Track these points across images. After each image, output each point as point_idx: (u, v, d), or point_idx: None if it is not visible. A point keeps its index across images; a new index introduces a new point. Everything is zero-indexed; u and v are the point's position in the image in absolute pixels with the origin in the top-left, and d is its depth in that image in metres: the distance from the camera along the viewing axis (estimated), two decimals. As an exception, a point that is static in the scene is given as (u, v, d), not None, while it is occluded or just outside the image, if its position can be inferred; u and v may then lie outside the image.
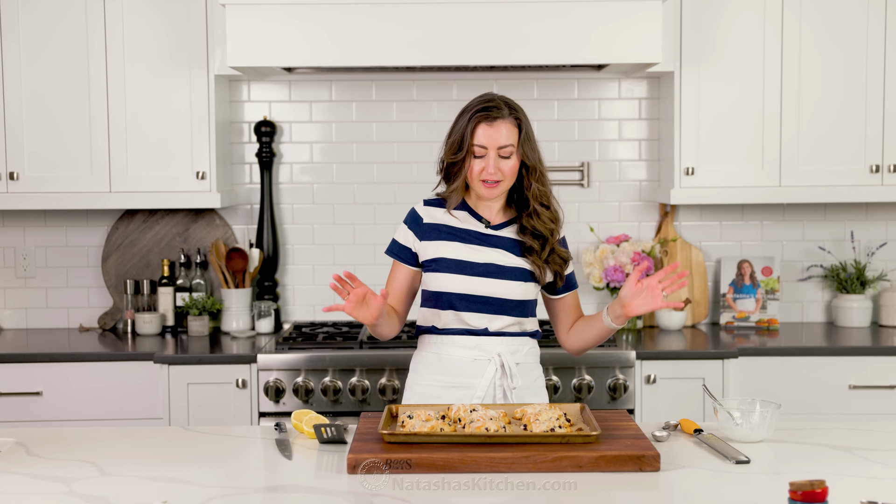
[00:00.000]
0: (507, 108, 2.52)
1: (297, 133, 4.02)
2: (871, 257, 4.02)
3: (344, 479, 2.06)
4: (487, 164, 2.49)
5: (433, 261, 2.57)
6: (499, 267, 2.55)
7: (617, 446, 2.14)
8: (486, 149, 2.49)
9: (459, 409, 2.29)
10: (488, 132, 2.49)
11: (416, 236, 2.61)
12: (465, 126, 2.51)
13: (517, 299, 2.56)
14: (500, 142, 2.49)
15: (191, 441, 2.40)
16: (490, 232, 2.59)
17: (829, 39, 3.66)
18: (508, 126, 2.50)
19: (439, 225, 2.59)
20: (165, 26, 3.65)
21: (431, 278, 2.58)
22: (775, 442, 2.32)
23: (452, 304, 2.55)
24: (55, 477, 2.10)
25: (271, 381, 3.41)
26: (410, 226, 2.62)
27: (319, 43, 3.42)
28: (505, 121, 2.50)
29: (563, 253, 2.59)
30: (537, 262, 2.55)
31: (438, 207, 2.62)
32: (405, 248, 2.62)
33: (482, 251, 2.56)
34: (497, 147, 2.49)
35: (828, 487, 1.70)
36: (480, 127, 2.49)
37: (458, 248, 2.56)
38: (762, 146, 3.69)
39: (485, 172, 2.49)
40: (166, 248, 4.00)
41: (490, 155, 2.49)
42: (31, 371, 3.49)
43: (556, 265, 2.58)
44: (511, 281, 2.55)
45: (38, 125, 3.67)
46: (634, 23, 3.40)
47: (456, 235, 2.58)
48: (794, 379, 3.51)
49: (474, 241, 2.57)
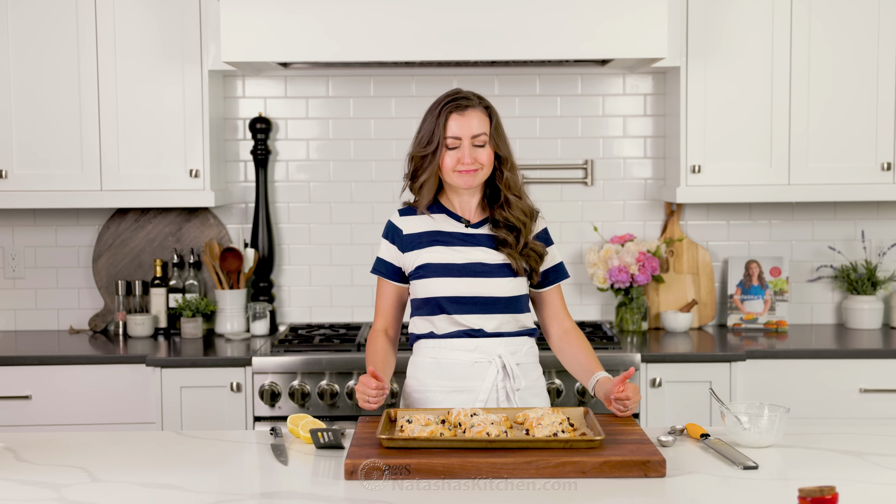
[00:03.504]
0: (477, 99, 2.58)
1: (293, 130, 4.02)
2: (882, 257, 4.02)
3: (341, 485, 2.06)
4: (463, 154, 2.53)
5: (419, 268, 2.59)
6: (484, 265, 2.57)
7: (621, 451, 2.14)
8: (459, 139, 2.53)
9: (460, 413, 2.29)
10: (460, 122, 2.53)
11: (398, 249, 2.63)
12: (435, 120, 2.55)
13: (508, 296, 2.58)
14: (474, 130, 2.53)
15: (184, 446, 2.40)
16: (471, 231, 2.61)
17: (840, 33, 3.66)
18: (479, 115, 2.55)
19: (420, 233, 2.62)
20: (158, 20, 3.65)
21: (419, 285, 2.60)
22: (784, 447, 2.32)
23: (443, 307, 2.57)
24: (45, 483, 2.10)
25: (266, 385, 3.41)
26: (391, 239, 2.65)
27: (316, 37, 3.42)
28: (476, 110, 2.55)
29: (538, 247, 2.61)
30: (513, 255, 2.57)
31: (414, 215, 2.65)
32: (389, 265, 2.65)
33: (465, 251, 2.58)
34: (471, 136, 2.53)
35: (838, 494, 1.71)
36: (452, 118, 2.54)
37: (442, 252, 2.58)
38: (770, 143, 3.69)
39: (460, 163, 2.53)
40: (159, 248, 4.00)
41: (464, 144, 2.53)
42: (20, 374, 3.49)
43: (531, 260, 2.59)
44: (499, 278, 2.57)
45: (27, 121, 3.67)
46: (639, 16, 3.40)
47: (437, 240, 2.60)
48: (803, 382, 3.51)
49: (456, 242, 2.60)
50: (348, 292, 4.05)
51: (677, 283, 3.98)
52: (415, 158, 2.59)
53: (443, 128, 2.53)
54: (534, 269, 2.61)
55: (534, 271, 2.61)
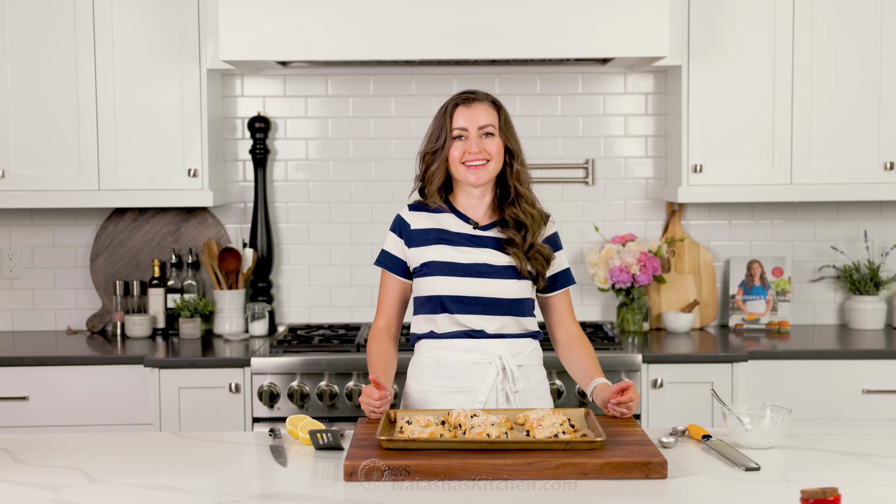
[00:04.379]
0: (485, 95, 2.62)
1: (292, 129, 4.02)
2: (885, 257, 4.02)
3: (340, 487, 2.06)
4: (470, 145, 2.54)
5: (423, 265, 2.60)
6: (489, 266, 2.57)
7: (622, 453, 2.14)
8: (466, 130, 2.56)
9: (460, 414, 2.29)
10: (466, 114, 2.56)
11: (404, 243, 2.64)
12: (443, 116, 2.59)
13: (511, 298, 2.58)
14: (480, 122, 2.56)
15: (182, 447, 2.40)
16: (478, 233, 2.62)
17: (842, 31, 3.66)
18: (487, 107, 2.59)
19: (427, 230, 2.62)
20: (156, 18, 3.65)
21: (423, 283, 2.60)
22: (786, 448, 2.32)
23: (446, 306, 2.57)
24: (42, 484, 2.10)
25: (265, 386, 3.41)
26: (398, 233, 2.66)
27: (315, 36, 3.42)
28: (482, 103, 2.59)
29: (544, 250, 2.60)
30: (519, 256, 2.57)
31: (423, 212, 2.65)
32: (394, 258, 2.66)
33: (471, 252, 2.59)
34: (478, 127, 2.56)
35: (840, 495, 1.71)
36: (458, 110, 2.57)
37: (447, 251, 2.59)
38: (773, 142, 3.69)
39: (467, 154, 2.54)
40: (157, 248, 4.00)
41: (471, 135, 2.55)
42: (18, 375, 3.49)
43: (538, 263, 2.59)
44: (503, 280, 2.57)
45: (24, 121, 3.67)
46: (641, 15, 3.40)
47: (444, 238, 2.61)
48: (805, 383, 3.51)
49: (463, 242, 2.60)
50: (348, 292, 4.05)
51: (679, 283, 3.98)
52: (426, 156, 2.61)
53: (450, 120, 2.56)
54: (540, 272, 2.61)
55: (540, 275, 2.61)
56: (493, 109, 2.59)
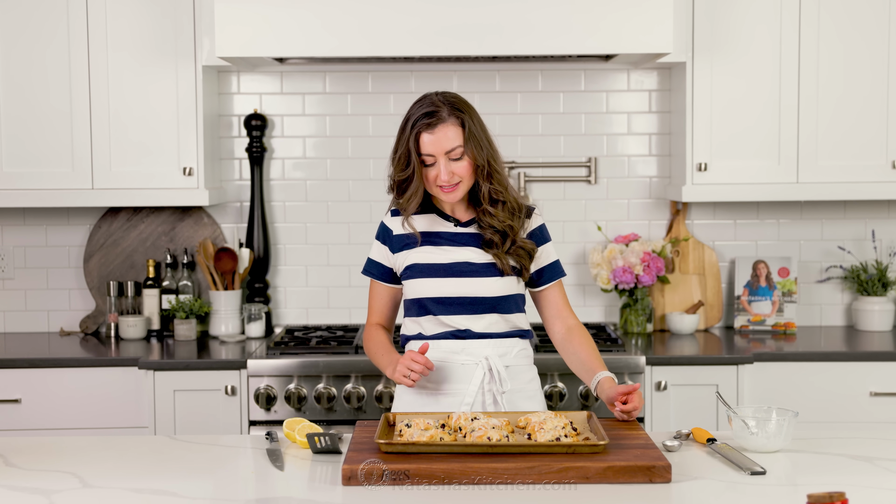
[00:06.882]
0: (448, 108, 2.54)
1: (290, 127, 4.02)
2: (893, 257, 4.02)
3: (338, 491, 2.06)
4: (439, 171, 2.53)
5: (407, 268, 2.63)
6: (471, 265, 2.59)
7: (626, 456, 2.14)
8: (433, 157, 2.53)
9: (460, 417, 2.30)
10: (431, 140, 2.52)
11: (388, 250, 2.66)
12: (408, 138, 2.54)
13: (495, 296, 2.59)
14: (446, 146, 2.52)
15: (177, 451, 2.40)
16: (460, 230, 2.63)
17: (851, 27, 3.66)
18: (452, 128, 2.53)
19: (409, 234, 2.63)
20: (151, 14, 3.65)
21: (408, 286, 2.64)
22: (792, 452, 2.33)
23: (428, 308, 2.60)
24: (35, 489, 2.10)
25: (262, 388, 3.41)
26: (382, 240, 2.68)
27: (313, 32, 3.42)
28: (446, 124, 2.53)
29: (526, 245, 2.61)
30: (499, 255, 2.59)
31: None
32: (380, 266, 2.68)
33: (453, 251, 2.60)
34: (444, 152, 2.53)
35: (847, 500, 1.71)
36: (423, 136, 2.53)
37: (429, 252, 2.61)
38: (779, 141, 3.70)
39: (439, 179, 2.54)
40: (151, 248, 4.00)
41: (440, 161, 2.53)
42: (9, 377, 3.49)
43: (520, 258, 2.60)
44: (486, 278, 2.58)
45: (16, 118, 3.67)
46: (644, 11, 3.40)
47: (426, 240, 2.62)
48: (812, 385, 3.51)
49: (444, 242, 2.62)
50: (345, 293, 4.05)
51: (683, 283, 3.98)
52: (400, 184, 2.60)
53: (415, 146, 2.53)
54: (524, 266, 2.61)
55: (524, 269, 2.62)
56: (458, 125, 2.53)
